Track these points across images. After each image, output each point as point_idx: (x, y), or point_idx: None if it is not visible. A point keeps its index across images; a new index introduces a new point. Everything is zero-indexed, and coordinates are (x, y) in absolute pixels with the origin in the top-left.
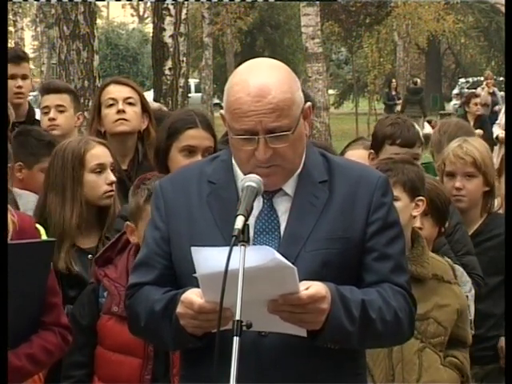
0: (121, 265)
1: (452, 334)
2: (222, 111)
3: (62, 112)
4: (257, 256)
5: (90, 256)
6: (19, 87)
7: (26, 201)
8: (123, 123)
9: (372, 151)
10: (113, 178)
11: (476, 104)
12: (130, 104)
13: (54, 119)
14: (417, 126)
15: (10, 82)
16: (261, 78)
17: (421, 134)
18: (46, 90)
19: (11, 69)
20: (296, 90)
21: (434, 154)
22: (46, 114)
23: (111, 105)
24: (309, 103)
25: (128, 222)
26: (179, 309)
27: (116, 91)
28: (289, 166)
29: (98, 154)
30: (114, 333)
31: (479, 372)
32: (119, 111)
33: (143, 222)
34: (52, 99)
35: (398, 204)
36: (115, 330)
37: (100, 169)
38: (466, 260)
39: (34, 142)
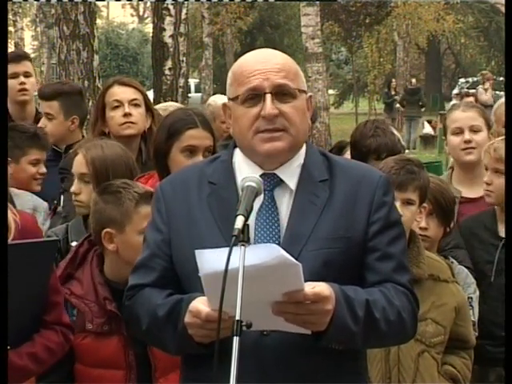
0: (86, 279)
1: (452, 333)
2: (225, 101)
3: (50, 120)
4: (262, 253)
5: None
6: (22, 83)
7: (24, 200)
8: (130, 126)
9: None
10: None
11: None
12: (136, 105)
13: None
14: (395, 132)
15: (12, 81)
16: (266, 51)
17: (401, 139)
18: (40, 95)
19: (12, 68)
20: (299, 71)
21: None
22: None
23: (116, 107)
24: (310, 93)
25: (108, 229)
26: (187, 318)
27: (121, 92)
28: (293, 134)
29: None
30: (93, 350)
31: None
32: (126, 114)
33: (133, 226)
34: (43, 106)
35: (412, 208)
36: (93, 348)
37: None
38: (454, 254)
39: (18, 135)
